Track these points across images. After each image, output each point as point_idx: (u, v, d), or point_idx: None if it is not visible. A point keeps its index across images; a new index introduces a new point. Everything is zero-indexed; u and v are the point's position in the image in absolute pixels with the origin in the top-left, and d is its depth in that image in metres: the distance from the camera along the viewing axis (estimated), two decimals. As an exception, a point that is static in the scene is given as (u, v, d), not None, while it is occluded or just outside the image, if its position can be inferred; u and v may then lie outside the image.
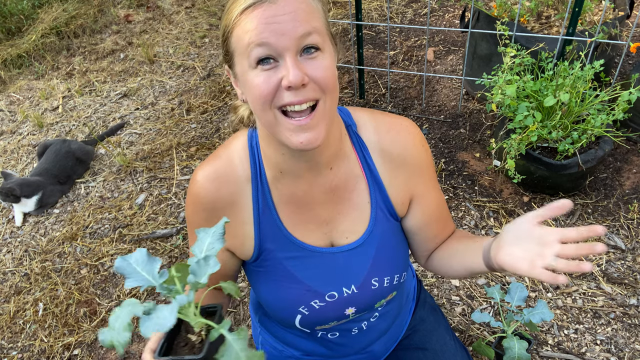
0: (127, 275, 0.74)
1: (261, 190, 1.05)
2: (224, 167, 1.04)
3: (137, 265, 0.75)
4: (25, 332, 2.22)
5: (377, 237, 1.10)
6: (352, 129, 1.07)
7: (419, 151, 1.09)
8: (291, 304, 1.10)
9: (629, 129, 2.55)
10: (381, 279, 1.12)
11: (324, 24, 0.88)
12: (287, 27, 0.81)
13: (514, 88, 2.11)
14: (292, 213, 1.07)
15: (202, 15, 4.51)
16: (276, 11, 0.81)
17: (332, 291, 1.10)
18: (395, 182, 1.09)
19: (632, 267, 2.08)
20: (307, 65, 0.84)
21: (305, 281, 1.09)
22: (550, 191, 2.36)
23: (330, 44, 0.90)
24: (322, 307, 1.11)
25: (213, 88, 3.57)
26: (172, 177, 2.88)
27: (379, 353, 1.33)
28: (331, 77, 0.86)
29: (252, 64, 0.84)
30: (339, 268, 1.10)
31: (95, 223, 2.69)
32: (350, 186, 1.07)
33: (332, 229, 1.10)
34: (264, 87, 0.84)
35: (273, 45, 0.82)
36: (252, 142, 1.05)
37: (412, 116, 3.00)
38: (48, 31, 4.41)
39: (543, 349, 1.84)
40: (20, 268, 2.53)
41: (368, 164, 1.07)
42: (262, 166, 1.04)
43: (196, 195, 1.05)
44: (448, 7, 3.93)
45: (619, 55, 2.83)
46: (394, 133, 1.07)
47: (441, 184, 2.54)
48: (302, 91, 0.83)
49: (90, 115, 3.55)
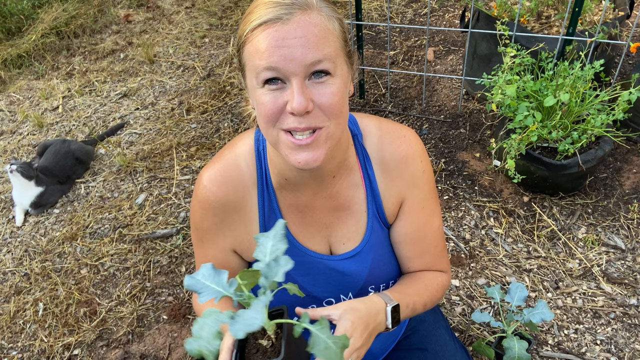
0: (199, 291, 0.76)
1: (267, 196, 1.06)
2: (230, 171, 1.05)
3: (205, 280, 0.76)
4: (25, 332, 2.22)
5: (373, 246, 1.11)
6: (357, 138, 1.08)
7: (416, 166, 1.09)
8: (289, 307, 1.11)
9: (629, 129, 2.55)
10: (377, 287, 1.14)
11: (339, 46, 0.86)
12: (297, 53, 0.80)
13: (514, 88, 2.11)
14: (296, 218, 1.08)
15: (202, 15, 4.51)
16: (287, 34, 0.80)
17: (330, 297, 1.12)
18: (390, 192, 1.10)
19: (632, 267, 2.08)
20: (314, 90, 0.84)
21: (304, 285, 1.10)
22: (550, 191, 2.36)
23: (344, 65, 0.89)
24: None
25: (213, 88, 3.57)
26: (172, 177, 2.88)
27: (377, 352, 1.34)
28: (337, 103, 0.86)
29: (260, 83, 0.85)
30: (338, 275, 1.11)
31: (95, 223, 2.69)
32: (350, 194, 1.08)
33: (330, 233, 1.11)
34: (270, 107, 0.84)
35: (281, 70, 0.81)
36: (259, 146, 1.05)
37: (412, 116, 3.00)
38: (48, 31, 4.41)
39: (543, 349, 1.84)
40: (20, 268, 2.53)
41: (369, 174, 1.08)
42: (268, 172, 1.05)
43: (205, 200, 1.05)
44: (448, 7, 3.93)
45: (619, 55, 2.83)
46: (396, 145, 1.08)
47: (441, 184, 2.54)
48: (306, 118, 0.84)
49: (90, 115, 3.55)
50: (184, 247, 2.46)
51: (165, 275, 2.34)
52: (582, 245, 2.19)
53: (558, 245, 2.20)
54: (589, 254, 2.15)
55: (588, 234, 2.22)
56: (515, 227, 2.29)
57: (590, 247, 2.17)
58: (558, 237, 2.23)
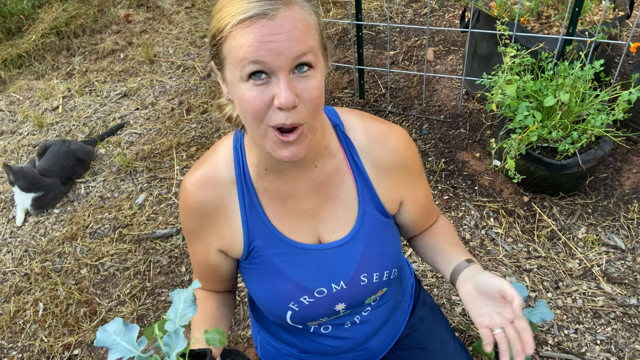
0: (109, 347, 0.77)
1: (246, 190, 1.07)
2: (209, 172, 1.07)
3: (116, 335, 0.78)
4: (25, 332, 2.22)
5: (365, 233, 1.12)
6: (339, 128, 1.09)
7: (407, 155, 1.13)
8: (281, 300, 1.12)
9: (629, 129, 2.55)
10: (370, 275, 1.14)
11: (318, 39, 0.88)
12: (283, 47, 0.81)
13: (514, 88, 2.12)
14: (278, 208, 1.09)
15: (202, 15, 4.51)
16: (273, 29, 0.81)
17: (321, 287, 1.12)
18: (384, 184, 1.12)
19: (632, 267, 2.08)
20: (299, 85, 0.85)
21: (294, 277, 1.11)
22: (550, 191, 2.36)
23: (322, 59, 0.91)
24: (311, 303, 1.13)
25: (213, 88, 3.57)
26: (172, 177, 2.89)
27: (377, 350, 1.34)
28: (319, 98, 0.88)
29: (244, 77, 0.84)
30: (327, 264, 1.12)
31: (95, 223, 2.69)
32: (336, 182, 1.09)
33: (318, 224, 1.11)
34: (257, 103, 0.85)
35: (268, 63, 0.82)
36: (237, 144, 1.08)
37: (412, 116, 3.00)
38: (48, 31, 4.41)
39: (543, 349, 1.85)
40: (20, 268, 2.53)
41: (355, 162, 1.09)
42: (246, 167, 1.07)
43: (186, 202, 1.09)
44: (448, 7, 3.93)
45: (619, 55, 2.83)
46: (383, 137, 1.10)
47: (441, 184, 2.54)
48: (292, 113, 0.85)
49: (90, 115, 3.55)
50: (184, 247, 2.46)
51: (165, 275, 2.34)
52: (582, 245, 2.19)
53: (558, 245, 2.20)
54: (589, 254, 2.15)
55: (588, 234, 2.22)
56: (515, 227, 2.29)
57: (590, 247, 2.17)
58: (558, 237, 2.23)
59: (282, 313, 1.14)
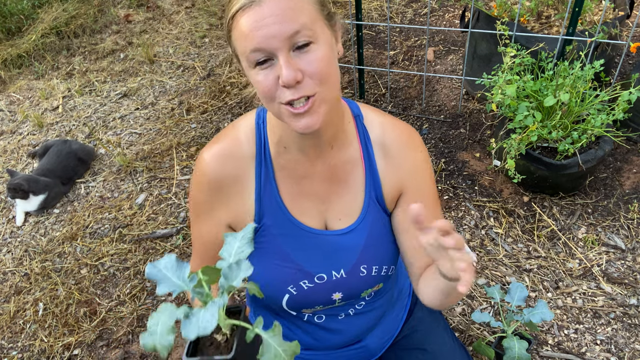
0: (158, 282, 0.75)
1: (264, 165, 1.09)
2: (230, 146, 1.09)
3: (167, 271, 0.76)
4: (25, 332, 2.22)
5: (368, 225, 1.13)
6: (359, 119, 1.12)
7: (417, 155, 1.14)
8: (281, 282, 1.13)
9: (629, 129, 2.54)
10: (369, 267, 1.15)
11: (314, 12, 0.89)
12: (275, 30, 0.85)
13: (514, 88, 2.11)
14: (292, 187, 1.11)
15: (202, 15, 4.51)
16: (263, 14, 0.85)
17: (322, 273, 1.13)
18: (390, 177, 1.13)
19: (632, 267, 2.08)
20: (301, 60, 0.88)
21: (297, 260, 1.12)
22: (550, 191, 2.36)
23: (325, 29, 0.92)
24: (310, 289, 1.14)
25: (213, 88, 3.57)
26: (172, 177, 2.89)
27: (374, 349, 1.34)
28: (325, 68, 0.90)
29: (251, 65, 0.90)
30: (331, 251, 1.13)
31: (95, 223, 2.69)
32: (348, 169, 1.11)
33: (327, 209, 1.13)
34: (265, 84, 0.89)
35: (266, 48, 0.86)
36: (259, 120, 1.10)
37: (412, 116, 3.00)
38: (48, 31, 4.41)
39: (543, 349, 1.84)
40: (20, 268, 2.53)
41: (369, 153, 1.12)
42: (267, 142, 1.08)
43: (202, 173, 1.09)
44: (448, 7, 3.93)
45: (619, 55, 2.83)
46: (398, 132, 1.13)
47: (441, 184, 2.54)
48: (298, 88, 0.88)
49: (90, 115, 3.55)
50: (184, 247, 2.46)
51: (165, 275, 2.34)
52: (582, 245, 2.19)
53: (558, 245, 2.20)
54: (589, 254, 2.15)
55: (588, 234, 2.22)
56: (515, 227, 2.29)
57: (590, 247, 2.17)
58: (558, 237, 2.23)
59: (280, 296, 1.15)
